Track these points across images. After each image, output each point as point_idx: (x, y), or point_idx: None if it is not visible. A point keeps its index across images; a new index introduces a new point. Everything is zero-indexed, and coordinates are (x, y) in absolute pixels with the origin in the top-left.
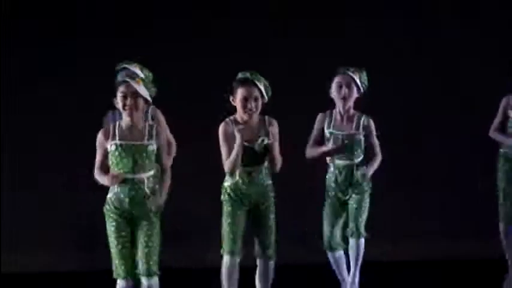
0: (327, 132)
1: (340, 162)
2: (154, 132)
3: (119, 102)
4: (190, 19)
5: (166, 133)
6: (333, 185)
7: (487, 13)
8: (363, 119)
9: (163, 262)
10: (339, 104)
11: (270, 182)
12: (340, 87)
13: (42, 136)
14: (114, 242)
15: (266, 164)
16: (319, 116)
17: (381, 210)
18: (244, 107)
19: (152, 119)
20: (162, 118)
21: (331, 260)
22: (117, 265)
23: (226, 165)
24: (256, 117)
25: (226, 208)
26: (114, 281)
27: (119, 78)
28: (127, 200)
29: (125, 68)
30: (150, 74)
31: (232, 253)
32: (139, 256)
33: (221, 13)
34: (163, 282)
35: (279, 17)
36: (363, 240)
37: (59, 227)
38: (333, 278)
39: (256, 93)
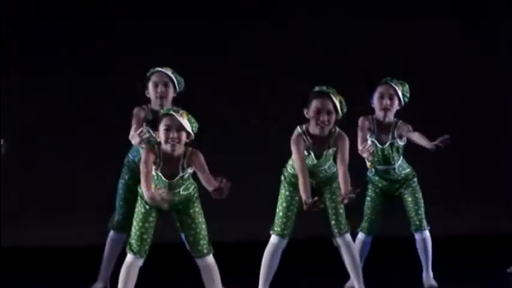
0: (369, 139)
1: (380, 167)
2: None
3: (161, 136)
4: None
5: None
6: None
7: None
8: (398, 124)
9: None
10: (379, 114)
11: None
12: (381, 97)
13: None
14: (139, 223)
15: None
16: (364, 120)
17: None
18: (317, 119)
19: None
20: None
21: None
22: (135, 241)
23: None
24: (327, 130)
25: (284, 191)
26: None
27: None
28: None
29: (158, 71)
30: (182, 80)
31: (281, 235)
32: (191, 241)
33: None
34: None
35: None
36: (427, 233)
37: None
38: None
39: (330, 106)
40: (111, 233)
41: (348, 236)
